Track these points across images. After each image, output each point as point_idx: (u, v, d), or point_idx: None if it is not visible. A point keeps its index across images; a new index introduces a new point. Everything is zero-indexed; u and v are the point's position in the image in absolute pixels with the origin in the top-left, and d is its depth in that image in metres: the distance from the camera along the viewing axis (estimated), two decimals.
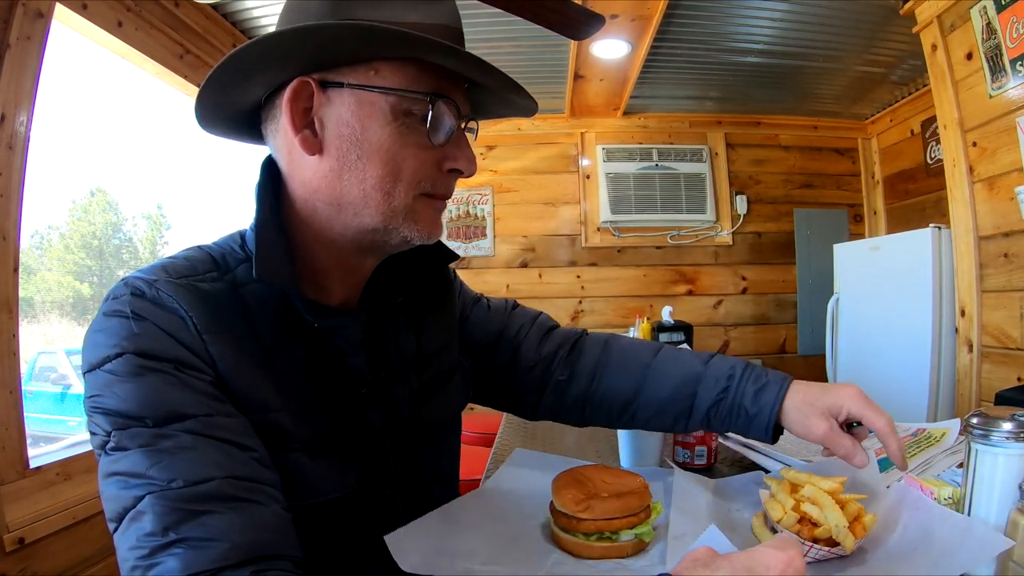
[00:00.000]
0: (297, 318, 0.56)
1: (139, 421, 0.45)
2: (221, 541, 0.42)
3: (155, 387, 0.47)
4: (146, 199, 12.32)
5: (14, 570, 1.30)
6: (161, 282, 0.51)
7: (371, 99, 0.53)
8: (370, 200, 0.54)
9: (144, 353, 0.47)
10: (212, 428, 0.47)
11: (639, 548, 0.59)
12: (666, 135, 3.42)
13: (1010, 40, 1.71)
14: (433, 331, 0.71)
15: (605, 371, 0.75)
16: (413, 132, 0.54)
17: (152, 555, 0.41)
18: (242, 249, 0.58)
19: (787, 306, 3.43)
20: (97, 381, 0.47)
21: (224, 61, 0.51)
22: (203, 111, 0.58)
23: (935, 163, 2.86)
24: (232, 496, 0.45)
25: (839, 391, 0.65)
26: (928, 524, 0.55)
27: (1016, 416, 0.52)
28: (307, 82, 0.53)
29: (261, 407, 0.52)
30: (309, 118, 0.54)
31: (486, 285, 3.40)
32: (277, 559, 0.45)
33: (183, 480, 0.43)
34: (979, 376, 1.96)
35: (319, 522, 0.54)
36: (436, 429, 0.69)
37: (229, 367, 0.50)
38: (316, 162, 0.55)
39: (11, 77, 1.34)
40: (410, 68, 0.53)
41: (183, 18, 1.93)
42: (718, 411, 0.69)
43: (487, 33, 2.38)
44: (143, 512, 0.42)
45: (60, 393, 5.76)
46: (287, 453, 0.52)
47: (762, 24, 2.33)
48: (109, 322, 0.49)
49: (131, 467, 0.44)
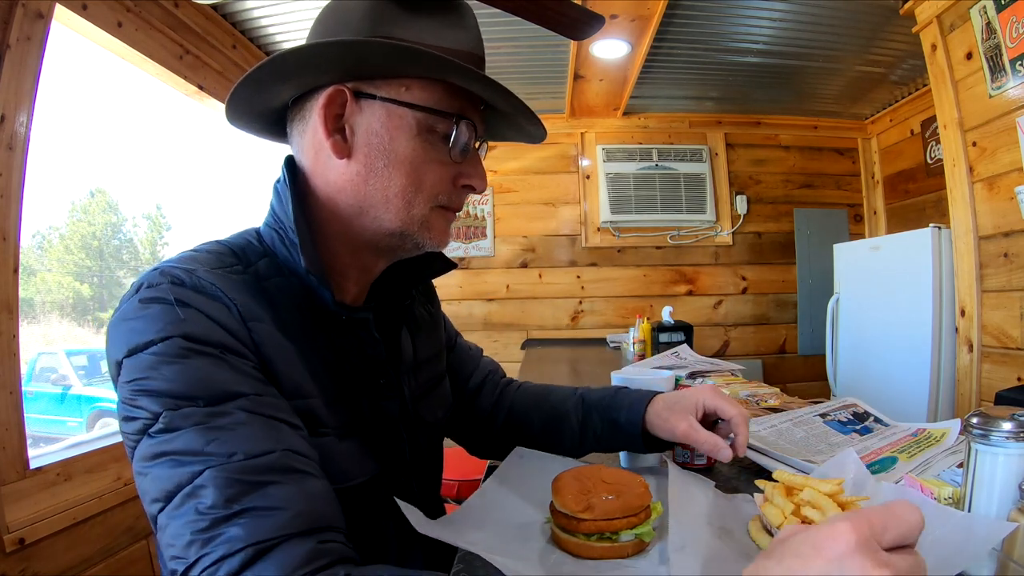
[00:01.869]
0: (319, 311, 0.59)
1: (191, 401, 0.45)
2: (285, 509, 0.43)
3: (204, 368, 0.47)
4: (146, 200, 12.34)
5: (14, 570, 1.30)
6: (200, 270, 0.52)
7: (400, 113, 0.57)
8: (391, 205, 0.58)
9: (191, 337, 0.48)
10: (263, 406, 0.48)
11: (639, 548, 0.59)
12: (666, 135, 3.42)
13: (1010, 40, 1.71)
14: (425, 338, 0.77)
15: (518, 413, 0.86)
16: (435, 148, 0.59)
17: (214, 527, 0.41)
18: (259, 244, 0.61)
19: (787, 306, 3.43)
20: (140, 364, 0.47)
21: (264, 63, 0.54)
22: (234, 106, 0.61)
23: (935, 163, 2.86)
24: (291, 468, 0.46)
25: (695, 391, 0.74)
26: (930, 523, 0.55)
27: (1016, 416, 0.52)
28: (342, 90, 0.56)
29: (298, 393, 0.54)
30: (340, 124, 0.58)
31: (486, 285, 3.40)
32: (332, 530, 0.46)
33: (243, 454, 0.44)
34: (979, 376, 1.96)
35: (345, 507, 0.56)
36: (430, 429, 0.74)
37: (270, 353, 0.52)
38: (344, 165, 0.58)
39: (11, 77, 1.34)
40: (438, 88, 0.57)
41: (183, 19, 1.93)
42: (602, 432, 0.78)
43: (487, 33, 2.36)
44: (203, 486, 0.42)
45: (60, 393, 5.77)
46: (320, 438, 0.54)
47: (762, 24, 2.33)
48: (148, 309, 0.49)
49: (185, 446, 0.44)
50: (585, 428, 0.80)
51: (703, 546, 0.56)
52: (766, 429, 0.93)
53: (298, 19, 2.22)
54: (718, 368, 1.63)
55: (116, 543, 1.59)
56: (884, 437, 0.91)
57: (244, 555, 0.40)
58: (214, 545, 0.41)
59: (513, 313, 3.42)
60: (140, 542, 1.66)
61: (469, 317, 3.39)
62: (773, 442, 0.87)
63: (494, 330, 3.40)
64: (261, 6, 2.12)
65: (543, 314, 3.42)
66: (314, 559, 0.42)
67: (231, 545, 0.40)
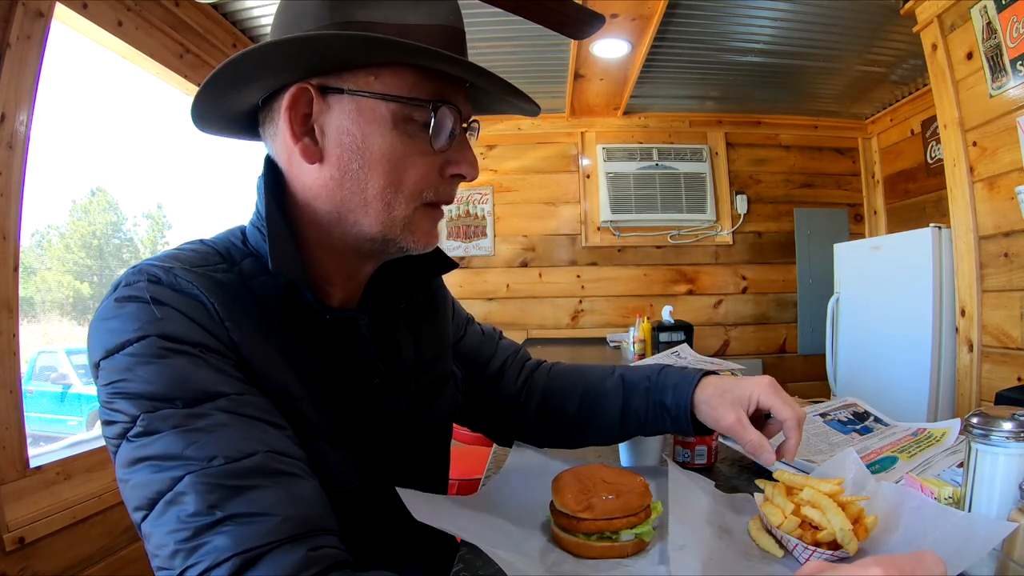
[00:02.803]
0: (306, 311, 0.56)
1: (169, 402, 0.44)
2: (271, 515, 0.41)
3: (182, 368, 0.45)
4: (146, 199, 12.29)
5: (14, 570, 1.30)
6: (177, 269, 0.50)
7: (372, 106, 0.52)
8: (370, 209, 0.54)
9: (168, 336, 0.46)
10: (244, 406, 0.46)
11: (639, 548, 0.59)
12: (666, 135, 3.42)
13: (1010, 40, 1.70)
14: (428, 338, 0.72)
15: (552, 396, 0.80)
16: (415, 139, 0.54)
17: (197, 536, 0.39)
18: (244, 244, 0.58)
19: (787, 306, 3.43)
20: (117, 366, 0.45)
21: (220, 68, 0.51)
22: (199, 113, 0.58)
23: (935, 163, 2.86)
24: (276, 470, 0.44)
25: (750, 382, 0.66)
26: (929, 523, 0.55)
27: (1016, 416, 0.52)
28: (306, 88, 0.52)
29: (283, 395, 0.51)
30: (309, 125, 0.53)
31: (486, 285, 3.40)
32: (324, 533, 0.44)
33: (224, 457, 0.42)
34: (979, 376, 1.96)
35: (340, 511, 0.55)
36: (431, 434, 0.71)
37: (251, 354, 0.50)
38: (316, 170, 0.54)
39: (11, 77, 1.34)
40: (410, 73, 0.52)
41: (183, 18, 1.93)
42: (647, 414, 0.72)
43: (487, 32, 2.38)
44: (183, 493, 0.40)
45: (60, 393, 5.76)
46: (310, 442, 0.52)
47: (762, 24, 2.33)
48: (124, 308, 0.47)
49: (164, 449, 0.42)
50: (627, 409, 0.73)
51: (703, 546, 0.56)
52: None
53: None
54: (718, 368, 1.63)
55: (116, 542, 1.59)
56: (884, 437, 0.91)
57: (231, 565, 0.38)
58: (199, 555, 0.39)
59: (513, 313, 3.41)
60: (140, 542, 1.65)
61: None
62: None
63: None
64: (261, 5, 2.12)
65: (543, 313, 3.42)
66: (306, 567, 0.40)
67: (217, 555, 0.39)
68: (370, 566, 0.46)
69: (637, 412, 0.72)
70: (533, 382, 0.82)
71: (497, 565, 0.48)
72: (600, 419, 0.75)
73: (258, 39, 2.33)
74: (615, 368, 0.78)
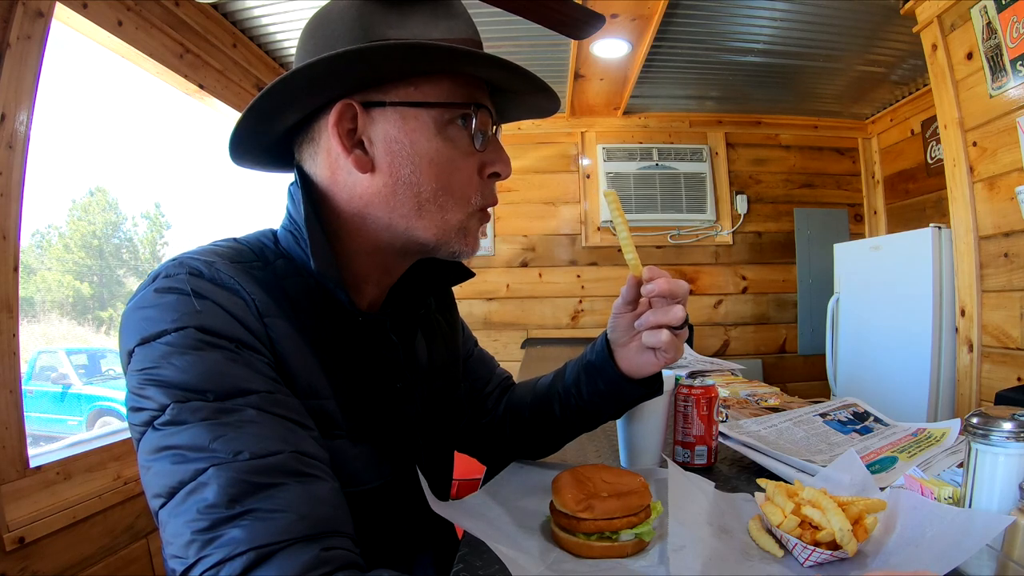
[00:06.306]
0: (336, 313, 0.58)
1: (200, 395, 0.44)
2: (289, 513, 0.42)
3: (217, 362, 0.46)
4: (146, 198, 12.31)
5: (14, 569, 1.30)
6: (219, 263, 0.51)
7: (415, 114, 0.55)
8: (424, 213, 0.57)
9: (206, 329, 0.47)
10: (274, 405, 0.47)
11: (639, 548, 0.59)
12: (666, 135, 3.41)
13: (1010, 40, 1.70)
14: (441, 346, 0.75)
15: (515, 411, 0.83)
16: (457, 142, 0.57)
17: (214, 527, 0.40)
18: (275, 246, 0.60)
19: (787, 306, 3.43)
20: (152, 353, 0.46)
21: (271, 88, 0.52)
22: (239, 141, 0.59)
23: (935, 163, 2.86)
24: (298, 471, 0.45)
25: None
26: (926, 520, 0.55)
27: (1016, 416, 0.52)
28: (350, 104, 0.55)
29: (313, 393, 0.53)
30: (356, 138, 0.56)
31: (486, 285, 3.40)
32: (338, 535, 0.45)
33: (249, 453, 0.43)
34: (979, 376, 1.96)
35: (359, 510, 0.55)
36: (441, 437, 0.73)
37: (285, 351, 0.51)
38: (368, 179, 0.56)
39: (11, 77, 1.34)
40: (445, 81, 0.56)
41: (183, 17, 1.93)
42: (584, 383, 0.73)
43: (487, 32, 2.38)
44: (205, 484, 0.41)
45: (60, 393, 5.77)
46: (333, 440, 0.54)
47: (762, 24, 2.33)
48: (164, 298, 0.48)
49: (191, 440, 0.43)
50: (567, 388, 0.75)
51: (703, 546, 0.56)
52: (766, 429, 0.93)
53: (298, 18, 2.22)
54: (718, 368, 1.63)
55: (116, 542, 1.58)
56: (884, 437, 0.91)
57: (245, 559, 0.39)
58: (214, 547, 0.39)
59: (513, 312, 3.41)
60: (140, 541, 1.66)
61: (469, 316, 3.39)
62: (773, 442, 0.87)
63: (494, 329, 3.40)
64: (261, 5, 2.12)
65: (543, 313, 3.42)
66: (317, 566, 0.41)
67: (232, 548, 0.39)
68: (384, 562, 0.46)
69: (576, 384, 0.74)
70: (508, 403, 0.85)
71: (497, 566, 0.48)
72: (549, 408, 0.77)
73: (258, 40, 2.33)
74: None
